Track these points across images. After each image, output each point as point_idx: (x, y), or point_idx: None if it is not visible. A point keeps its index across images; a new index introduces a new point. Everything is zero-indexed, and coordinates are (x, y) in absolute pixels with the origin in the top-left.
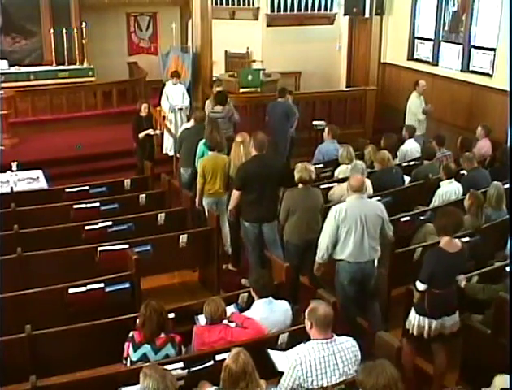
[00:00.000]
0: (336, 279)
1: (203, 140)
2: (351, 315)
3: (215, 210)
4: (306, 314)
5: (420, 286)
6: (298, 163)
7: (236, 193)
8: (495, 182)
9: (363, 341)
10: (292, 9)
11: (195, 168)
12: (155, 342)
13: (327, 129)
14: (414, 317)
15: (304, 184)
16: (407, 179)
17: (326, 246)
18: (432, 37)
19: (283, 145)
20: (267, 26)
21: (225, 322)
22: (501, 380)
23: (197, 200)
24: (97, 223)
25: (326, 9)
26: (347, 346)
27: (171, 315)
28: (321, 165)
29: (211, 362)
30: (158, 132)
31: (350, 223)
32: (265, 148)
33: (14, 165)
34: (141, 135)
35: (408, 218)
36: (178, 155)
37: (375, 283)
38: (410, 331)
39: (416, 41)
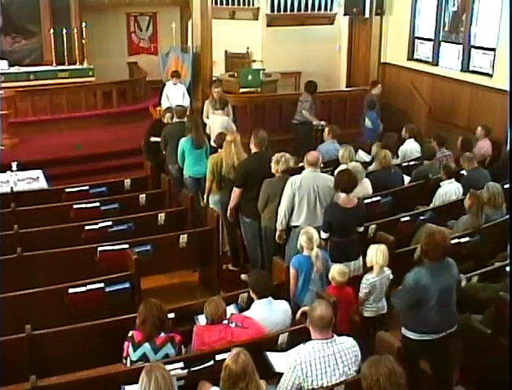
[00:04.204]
0: (291, 244)
1: (184, 139)
2: None
3: (219, 208)
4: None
5: (322, 234)
6: (276, 154)
7: (236, 191)
8: (491, 182)
9: (363, 341)
10: (292, 9)
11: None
12: (155, 341)
13: (327, 129)
14: None
15: (282, 174)
16: (407, 179)
17: (284, 212)
18: (432, 37)
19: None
20: (267, 26)
21: (225, 322)
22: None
23: (204, 196)
24: (97, 223)
25: (326, 9)
26: (347, 346)
27: (171, 315)
28: (321, 165)
29: (211, 362)
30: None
31: (304, 192)
32: (265, 145)
33: (14, 165)
34: (152, 139)
35: (408, 218)
36: (164, 152)
37: None
38: None
39: (416, 41)
